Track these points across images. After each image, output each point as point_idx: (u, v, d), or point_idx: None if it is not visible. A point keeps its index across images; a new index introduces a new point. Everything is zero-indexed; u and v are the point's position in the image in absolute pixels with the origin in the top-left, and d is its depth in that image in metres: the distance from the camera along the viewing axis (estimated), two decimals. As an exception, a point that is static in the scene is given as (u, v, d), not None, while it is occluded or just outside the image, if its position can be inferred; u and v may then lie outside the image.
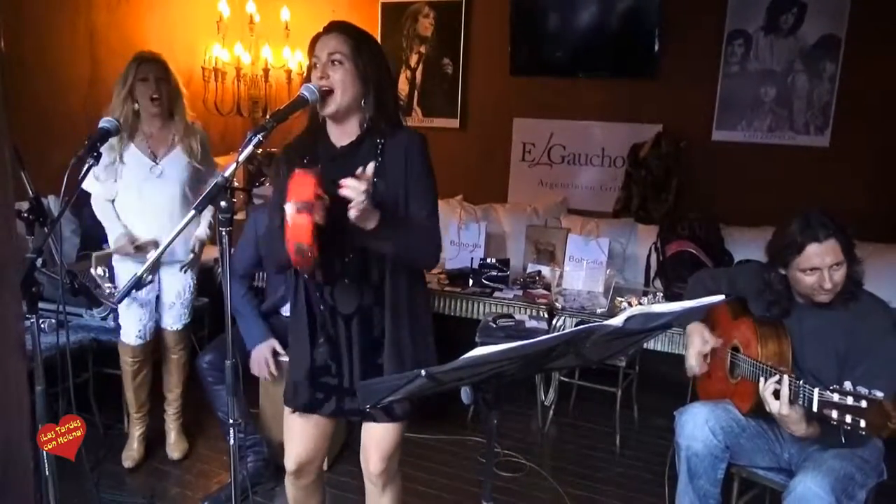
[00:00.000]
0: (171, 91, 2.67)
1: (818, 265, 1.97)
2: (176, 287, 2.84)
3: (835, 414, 1.73)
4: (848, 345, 2.00)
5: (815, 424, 1.91)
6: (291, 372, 1.86)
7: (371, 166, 1.54)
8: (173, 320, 2.88)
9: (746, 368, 2.11)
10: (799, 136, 3.96)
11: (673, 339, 3.16)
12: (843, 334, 2.01)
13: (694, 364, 2.21)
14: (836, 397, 1.73)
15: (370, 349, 1.76)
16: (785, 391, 1.88)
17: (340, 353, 1.77)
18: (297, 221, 1.48)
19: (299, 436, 1.90)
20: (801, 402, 1.85)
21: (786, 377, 1.89)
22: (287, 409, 1.89)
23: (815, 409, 1.79)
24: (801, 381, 1.85)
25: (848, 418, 1.71)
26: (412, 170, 1.68)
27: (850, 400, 1.70)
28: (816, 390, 1.78)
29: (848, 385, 1.74)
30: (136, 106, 2.64)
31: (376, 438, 1.86)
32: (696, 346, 2.19)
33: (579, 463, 3.11)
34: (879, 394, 1.69)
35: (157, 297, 2.85)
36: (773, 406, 1.90)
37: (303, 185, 1.49)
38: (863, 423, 1.68)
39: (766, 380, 1.94)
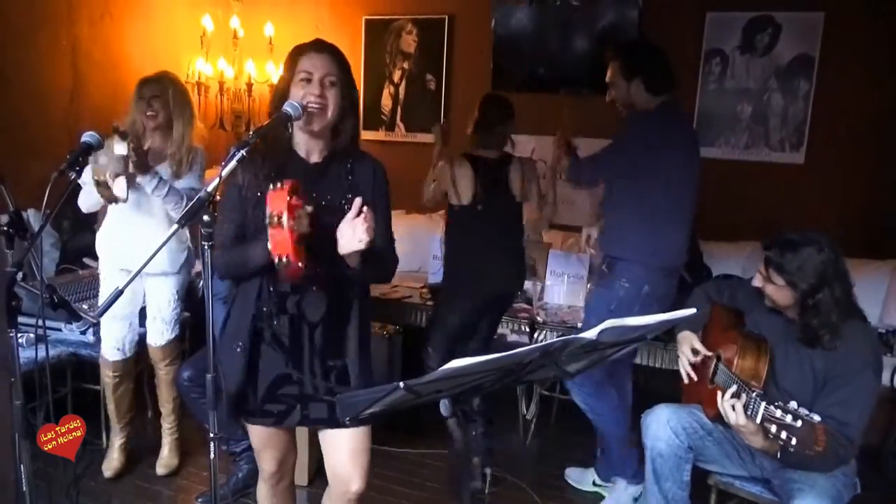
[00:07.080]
0: (167, 106, 2.73)
1: (761, 270, 2.12)
2: (157, 301, 2.82)
3: (773, 429, 1.84)
4: (826, 370, 2.03)
5: (770, 439, 1.93)
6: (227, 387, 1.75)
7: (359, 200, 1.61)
8: (154, 336, 2.85)
9: (722, 377, 2.15)
10: (774, 153, 4.04)
11: (654, 353, 3.19)
12: (823, 359, 2.04)
13: (684, 373, 2.29)
14: (777, 413, 1.83)
15: (333, 351, 1.77)
16: (739, 403, 1.94)
17: (303, 360, 1.77)
18: (271, 235, 1.51)
19: (269, 438, 1.88)
20: (748, 414, 1.92)
21: (741, 391, 1.95)
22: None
23: (758, 421, 1.88)
24: (755, 395, 1.92)
25: (783, 434, 1.81)
26: (378, 193, 1.80)
27: (788, 418, 1.81)
28: (763, 404, 1.87)
29: (793, 404, 1.82)
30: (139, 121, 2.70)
31: (351, 451, 1.81)
32: (686, 355, 2.26)
33: (561, 477, 3.12)
34: (816, 417, 1.79)
35: (143, 311, 2.84)
36: (731, 417, 1.95)
37: (273, 198, 1.53)
38: (793, 441, 1.79)
39: (730, 393, 1.98)
